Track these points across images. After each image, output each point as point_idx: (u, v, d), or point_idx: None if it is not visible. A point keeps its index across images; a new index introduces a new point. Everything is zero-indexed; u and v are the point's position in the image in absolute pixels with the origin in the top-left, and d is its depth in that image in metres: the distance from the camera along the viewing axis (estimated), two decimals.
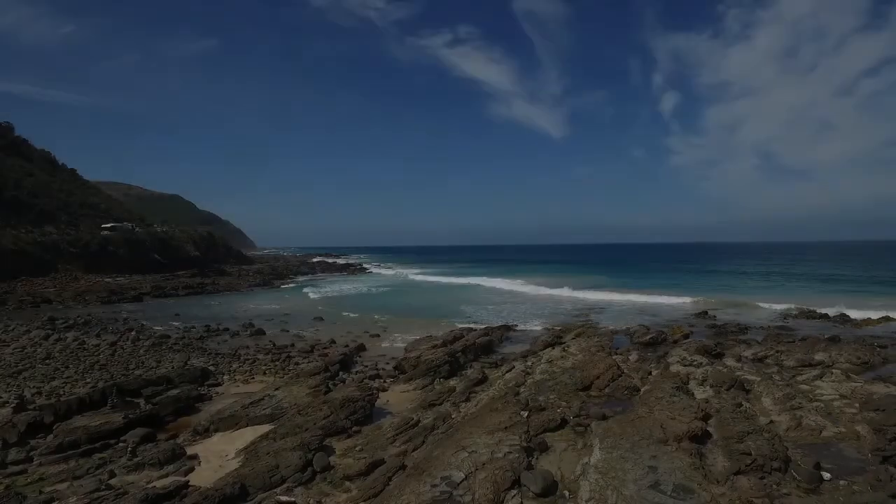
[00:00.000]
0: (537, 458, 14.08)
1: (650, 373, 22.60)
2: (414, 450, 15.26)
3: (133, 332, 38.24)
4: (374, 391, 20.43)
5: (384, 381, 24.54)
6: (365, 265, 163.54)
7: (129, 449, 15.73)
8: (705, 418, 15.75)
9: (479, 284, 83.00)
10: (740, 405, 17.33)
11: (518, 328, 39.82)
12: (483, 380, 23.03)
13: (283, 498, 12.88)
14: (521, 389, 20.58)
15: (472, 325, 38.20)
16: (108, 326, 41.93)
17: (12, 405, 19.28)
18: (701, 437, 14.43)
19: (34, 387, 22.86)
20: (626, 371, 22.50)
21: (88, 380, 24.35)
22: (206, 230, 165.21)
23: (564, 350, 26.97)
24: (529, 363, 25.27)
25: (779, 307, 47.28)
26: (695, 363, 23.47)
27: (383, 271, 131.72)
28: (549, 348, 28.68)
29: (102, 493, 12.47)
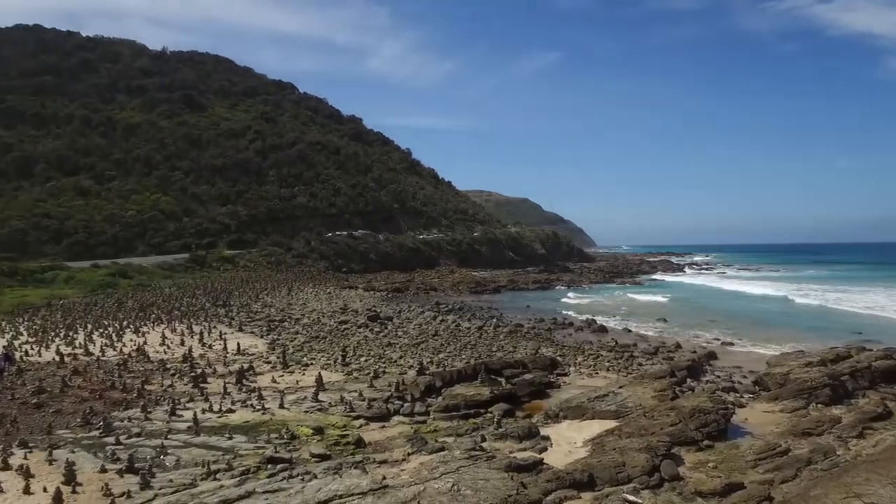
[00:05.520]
0: None
1: None
2: (783, 482, 13.15)
3: (494, 320, 44.30)
4: (730, 406, 18.40)
5: (741, 397, 21.87)
6: (713, 265, 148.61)
7: (495, 420, 18.31)
8: None
9: (864, 293, 65.27)
10: None
11: None
12: (885, 415, 18.07)
13: (630, 497, 12.88)
14: None
15: (862, 345, 30.33)
16: (476, 313, 49.62)
17: (415, 369, 24.87)
18: None
19: (428, 357, 28.93)
20: None
21: (463, 356, 29.42)
22: (552, 230, 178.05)
23: None
24: None
25: None
26: None
27: (734, 273, 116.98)
28: None
29: (477, 452, 14.88)
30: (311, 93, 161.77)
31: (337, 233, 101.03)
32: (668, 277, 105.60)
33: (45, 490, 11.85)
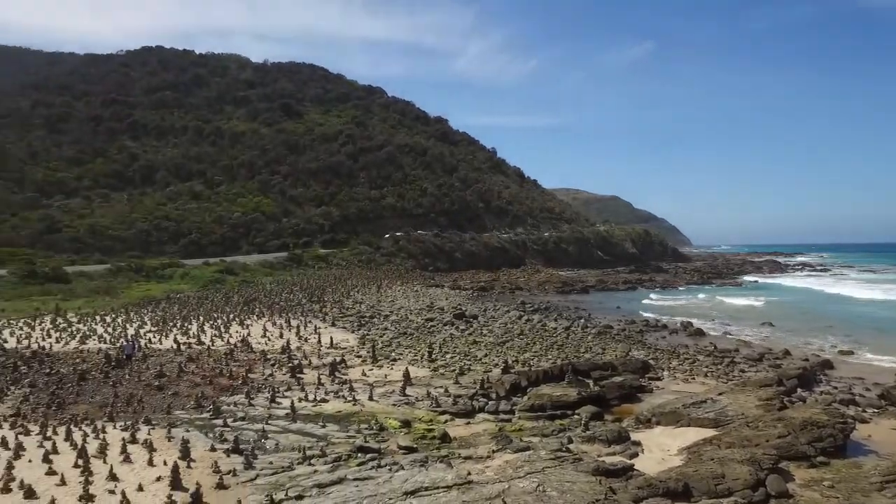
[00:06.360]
0: None
1: None
2: None
3: (582, 320, 43.14)
4: (850, 420, 16.68)
5: (863, 411, 19.73)
6: (829, 266, 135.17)
7: (583, 422, 17.81)
8: None
9: None
10: None
11: None
12: None
13: None
14: None
15: None
16: (563, 313, 48.57)
17: (501, 367, 24.79)
18: None
19: (513, 356, 28.72)
20: None
21: (550, 356, 28.90)
22: (643, 228, 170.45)
23: None
24: None
25: None
26: None
27: (855, 275, 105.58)
28: None
29: (563, 454, 14.58)
30: (399, 96, 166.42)
31: (423, 232, 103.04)
32: (774, 279, 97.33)
33: (164, 463, 13.13)
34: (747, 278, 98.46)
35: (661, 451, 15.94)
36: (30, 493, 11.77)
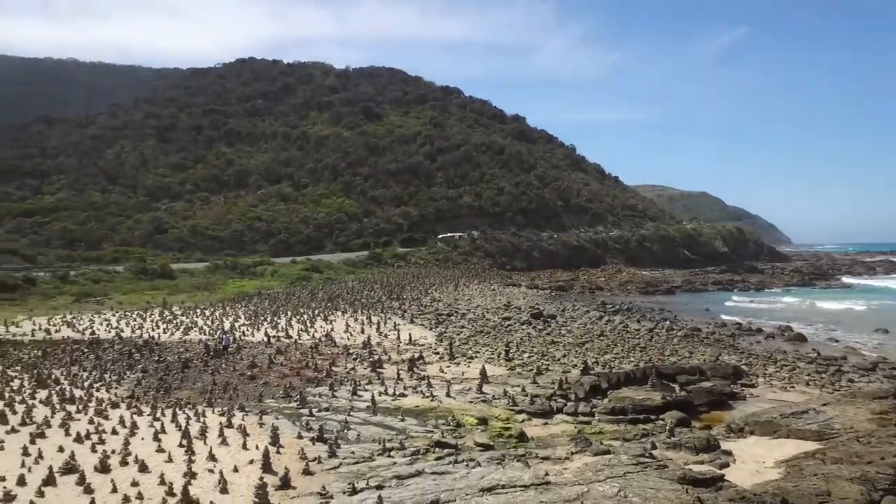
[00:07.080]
0: None
1: None
2: None
3: (667, 322, 41.17)
4: None
5: None
6: None
7: (668, 428, 17.00)
8: None
9: None
10: None
11: None
12: None
13: None
14: None
15: None
16: (646, 314, 46.59)
17: (580, 368, 24.18)
18: None
19: (593, 357, 27.93)
20: None
21: (632, 358, 27.83)
22: (735, 226, 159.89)
23: None
24: None
25: None
26: None
27: None
28: None
29: (646, 459, 13.98)
30: (477, 96, 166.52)
31: (496, 232, 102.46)
32: (884, 281, 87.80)
33: (256, 448, 14.03)
34: (854, 280, 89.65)
35: (756, 462, 14.91)
36: (143, 467, 12.99)
